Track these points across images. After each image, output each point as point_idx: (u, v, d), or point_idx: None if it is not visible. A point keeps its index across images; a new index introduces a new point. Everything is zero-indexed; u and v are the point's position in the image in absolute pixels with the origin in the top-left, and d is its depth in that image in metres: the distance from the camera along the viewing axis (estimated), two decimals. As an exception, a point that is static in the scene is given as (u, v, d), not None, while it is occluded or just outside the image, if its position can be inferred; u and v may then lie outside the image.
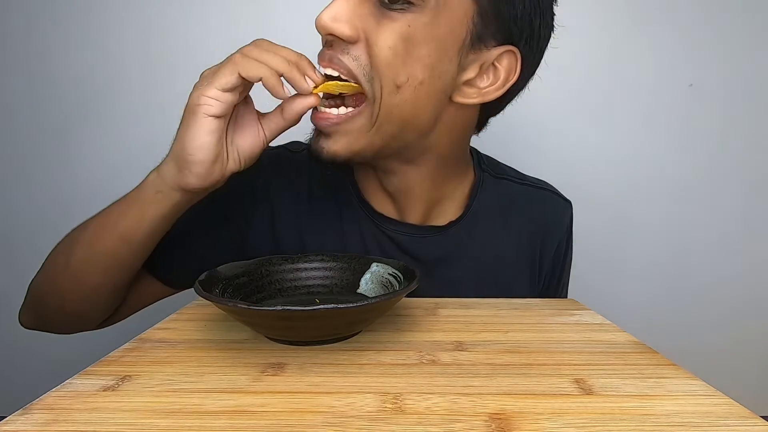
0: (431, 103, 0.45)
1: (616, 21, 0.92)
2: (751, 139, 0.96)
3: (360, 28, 0.42)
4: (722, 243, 0.99)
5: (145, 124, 0.93)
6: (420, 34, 0.42)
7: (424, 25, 0.42)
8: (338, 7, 0.42)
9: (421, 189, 0.52)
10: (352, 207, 0.54)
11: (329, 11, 0.42)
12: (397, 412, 0.26)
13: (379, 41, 0.42)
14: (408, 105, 0.44)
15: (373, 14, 0.42)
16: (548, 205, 0.60)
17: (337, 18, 0.42)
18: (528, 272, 0.58)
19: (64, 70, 0.92)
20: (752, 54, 0.93)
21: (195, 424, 0.24)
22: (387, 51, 0.42)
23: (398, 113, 0.44)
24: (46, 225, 0.95)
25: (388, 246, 0.54)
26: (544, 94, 0.92)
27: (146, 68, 0.92)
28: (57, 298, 0.49)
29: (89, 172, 0.95)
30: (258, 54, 0.40)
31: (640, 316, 1.00)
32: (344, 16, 0.42)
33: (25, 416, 0.25)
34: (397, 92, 0.43)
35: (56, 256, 0.49)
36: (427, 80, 0.44)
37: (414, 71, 0.43)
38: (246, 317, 0.34)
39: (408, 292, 0.36)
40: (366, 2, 0.42)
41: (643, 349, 0.35)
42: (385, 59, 0.42)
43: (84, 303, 0.48)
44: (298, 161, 0.56)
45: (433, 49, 0.43)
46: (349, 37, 0.42)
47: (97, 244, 0.45)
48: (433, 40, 0.43)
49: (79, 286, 0.47)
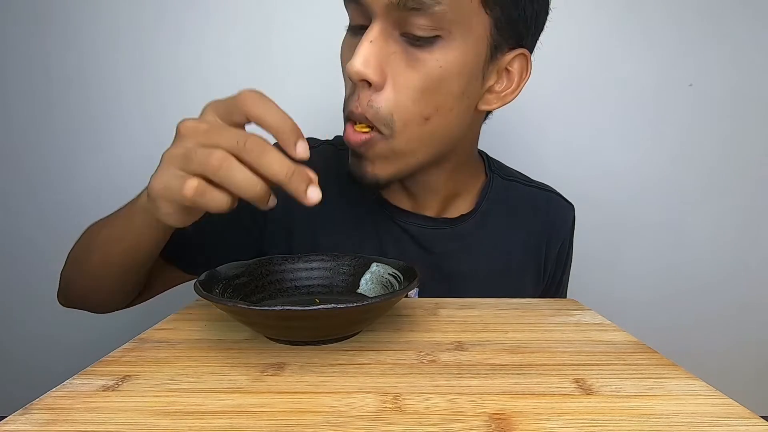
0: (461, 120, 0.47)
1: (615, 21, 0.92)
2: (752, 139, 0.96)
3: (387, 72, 0.42)
4: (722, 243, 0.99)
5: (148, 126, 0.93)
6: (451, 69, 0.43)
7: (455, 57, 0.42)
8: (367, 51, 0.41)
9: (439, 183, 0.54)
10: (365, 198, 0.56)
11: (359, 57, 0.41)
12: (397, 412, 0.26)
13: (409, 83, 0.42)
14: (439, 129, 0.45)
15: (400, 53, 0.42)
16: (553, 206, 0.63)
17: (368, 63, 0.41)
18: (533, 270, 0.60)
19: (66, 73, 0.92)
20: (753, 54, 0.93)
21: (195, 424, 0.24)
22: (417, 93, 0.42)
23: (429, 138, 0.45)
24: (46, 227, 0.95)
25: (401, 237, 0.56)
26: (544, 96, 0.92)
27: (150, 71, 0.92)
28: (81, 291, 0.51)
29: (91, 175, 0.95)
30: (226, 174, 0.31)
31: (640, 316, 1.00)
32: (373, 60, 0.41)
33: (25, 416, 0.25)
34: (425, 123, 0.44)
35: (76, 256, 0.50)
36: (457, 105, 0.45)
37: (444, 102, 0.44)
38: (246, 317, 0.34)
39: (408, 291, 0.36)
40: (391, 40, 0.42)
41: (643, 349, 0.35)
42: (413, 100, 0.43)
43: (105, 297, 0.51)
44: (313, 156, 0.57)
45: (462, 78, 0.44)
46: (377, 83, 0.42)
47: (108, 254, 0.46)
48: (463, 69, 0.43)
49: (98, 287, 0.49)
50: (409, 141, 0.45)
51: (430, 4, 0.39)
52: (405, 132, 0.44)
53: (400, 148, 0.45)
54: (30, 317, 0.99)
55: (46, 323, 0.98)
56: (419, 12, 0.40)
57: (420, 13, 0.40)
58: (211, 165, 0.31)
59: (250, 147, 0.31)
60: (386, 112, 0.43)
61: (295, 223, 0.55)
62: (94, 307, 0.53)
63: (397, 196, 0.56)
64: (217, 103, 0.34)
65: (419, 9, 0.40)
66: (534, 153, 0.95)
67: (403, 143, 0.45)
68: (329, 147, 0.60)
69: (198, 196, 0.31)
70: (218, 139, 0.32)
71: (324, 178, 0.56)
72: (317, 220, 0.55)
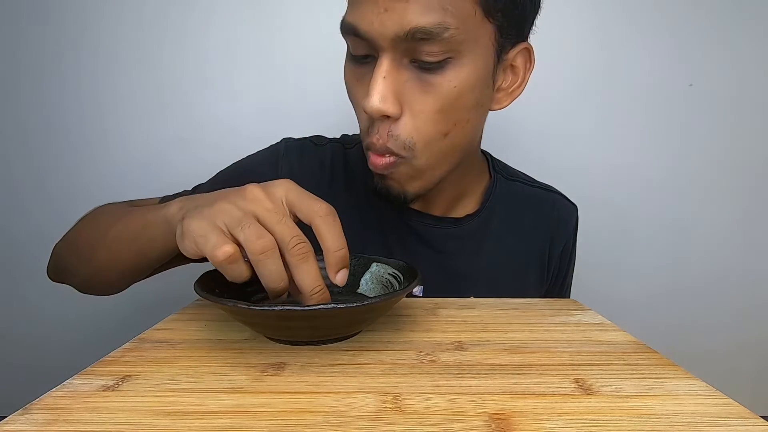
0: (478, 126, 0.49)
1: (615, 21, 0.92)
2: (752, 139, 0.96)
3: (403, 102, 0.42)
4: (722, 243, 0.99)
5: (149, 124, 0.93)
6: (465, 86, 0.43)
7: (467, 75, 0.42)
8: (382, 88, 0.41)
9: (447, 185, 0.54)
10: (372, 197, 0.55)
11: (376, 95, 0.41)
12: (397, 412, 0.26)
13: (426, 108, 0.43)
14: (459, 141, 0.46)
15: (413, 79, 0.42)
16: (557, 207, 0.63)
17: (385, 99, 0.41)
18: (537, 269, 0.61)
19: (69, 70, 0.92)
20: (753, 54, 0.93)
21: (195, 424, 0.24)
22: (436, 116, 0.43)
23: (451, 151, 0.46)
24: (45, 227, 0.95)
25: (407, 235, 0.56)
26: (544, 97, 0.92)
27: (150, 69, 0.92)
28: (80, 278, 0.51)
29: (86, 176, 0.95)
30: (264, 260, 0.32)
31: (640, 316, 1.00)
32: (390, 95, 0.41)
33: (25, 416, 0.25)
34: (445, 138, 0.45)
35: (78, 243, 0.50)
36: (473, 116, 0.46)
37: (461, 116, 0.44)
38: (246, 317, 0.34)
39: (408, 291, 0.36)
40: (402, 69, 0.42)
41: (643, 349, 0.35)
42: (432, 122, 0.43)
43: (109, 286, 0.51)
44: (321, 154, 0.59)
45: (476, 91, 0.44)
46: (396, 114, 0.42)
47: (118, 252, 0.46)
48: (476, 84, 0.44)
49: (103, 278, 0.49)
50: (431, 158, 0.45)
51: (438, 32, 0.39)
52: (426, 151, 0.45)
53: (424, 166, 0.46)
54: (30, 317, 0.99)
55: (46, 323, 0.98)
56: (429, 41, 0.40)
57: (430, 42, 0.40)
58: (256, 246, 0.31)
59: (297, 252, 0.32)
60: (407, 138, 0.43)
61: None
62: (92, 291, 0.53)
63: None
64: (294, 190, 0.35)
65: (429, 39, 0.40)
66: (535, 153, 0.95)
67: (426, 161, 0.45)
68: (337, 145, 0.60)
69: (226, 263, 0.32)
70: (275, 227, 0.32)
71: (330, 176, 0.59)
72: None
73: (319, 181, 0.57)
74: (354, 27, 0.42)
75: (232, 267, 0.32)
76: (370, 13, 0.40)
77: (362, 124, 0.47)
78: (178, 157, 0.91)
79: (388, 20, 0.39)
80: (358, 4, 0.42)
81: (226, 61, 0.91)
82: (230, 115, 0.92)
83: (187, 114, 0.92)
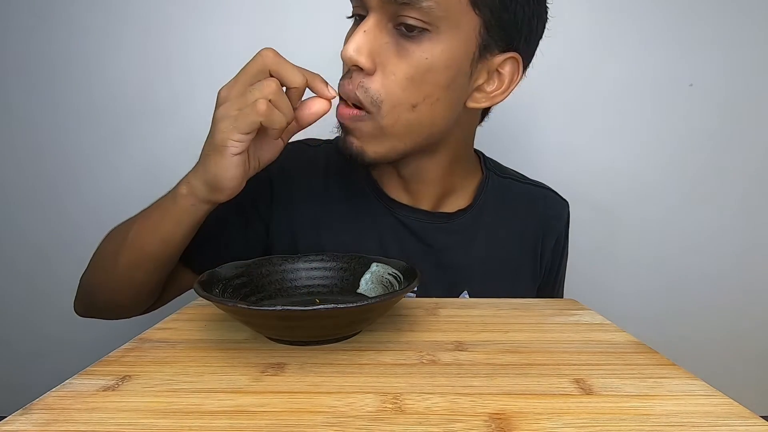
0: (448, 112, 0.49)
1: (615, 21, 0.92)
2: (752, 139, 0.96)
3: (378, 61, 0.45)
4: (722, 243, 0.99)
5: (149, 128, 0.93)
6: (437, 61, 0.45)
7: (441, 51, 0.45)
8: (360, 39, 0.45)
9: (434, 176, 0.56)
10: (365, 193, 0.58)
11: (352, 44, 0.45)
12: (397, 412, 0.26)
13: (397, 72, 0.45)
14: (426, 118, 0.48)
15: (391, 43, 0.45)
16: (548, 202, 0.65)
17: (360, 50, 0.45)
18: (530, 263, 0.62)
19: (77, 74, 0.92)
20: (753, 54, 0.93)
21: (195, 424, 0.24)
22: (405, 81, 0.46)
23: (417, 125, 0.48)
24: (46, 228, 0.95)
25: (401, 231, 0.57)
26: (544, 95, 0.92)
27: (143, 69, 0.92)
28: (107, 294, 0.53)
29: (93, 180, 0.95)
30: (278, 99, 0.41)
31: (640, 315, 1.00)
32: (365, 48, 0.45)
33: (25, 416, 0.25)
34: (413, 110, 0.47)
35: (103, 257, 0.52)
36: (443, 96, 0.48)
37: (431, 92, 0.47)
38: (246, 317, 0.34)
39: (408, 291, 0.36)
40: (385, 31, 0.45)
41: (643, 349, 0.35)
42: (401, 87, 0.46)
43: (132, 298, 0.52)
44: (314, 154, 0.61)
45: (449, 71, 0.46)
46: (368, 68, 0.45)
47: (142, 248, 0.48)
48: (449, 63, 0.46)
49: (127, 285, 0.51)
50: (395, 124, 0.47)
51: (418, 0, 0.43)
52: (392, 114, 0.47)
53: (387, 128, 0.47)
54: (30, 317, 0.99)
55: (46, 323, 0.98)
56: (410, 6, 0.43)
57: (410, 8, 0.43)
58: (270, 89, 0.40)
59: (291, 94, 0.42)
60: (375, 93, 0.46)
61: (298, 217, 0.57)
62: (116, 309, 0.55)
63: (393, 188, 0.58)
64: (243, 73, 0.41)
65: (409, 3, 0.43)
66: (534, 152, 0.95)
67: (390, 124, 0.47)
68: (330, 146, 0.62)
69: (269, 112, 0.39)
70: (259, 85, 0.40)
71: (324, 174, 0.60)
72: (320, 215, 0.57)
73: (312, 179, 0.59)
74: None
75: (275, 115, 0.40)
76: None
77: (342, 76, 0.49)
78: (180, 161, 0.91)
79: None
80: None
81: (230, 60, 0.91)
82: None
83: (191, 113, 0.92)
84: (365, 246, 0.56)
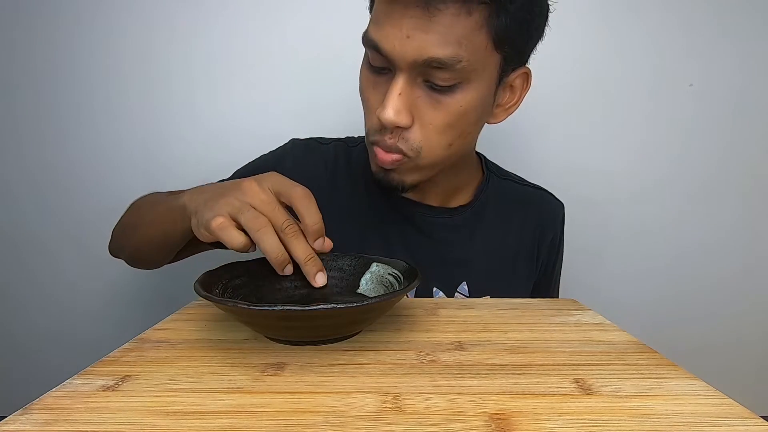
0: (476, 136, 0.55)
1: (615, 21, 0.92)
2: (752, 139, 0.96)
3: (415, 114, 0.47)
4: (723, 243, 0.99)
5: (142, 123, 0.93)
6: (470, 106, 0.48)
7: (473, 97, 0.47)
8: (397, 103, 0.46)
9: (442, 180, 0.59)
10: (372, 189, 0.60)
11: (390, 109, 0.46)
12: (397, 412, 0.26)
13: (435, 122, 0.48)
14: (459, 150, 0.52)
15: (424, 96, 0.47)
16: (544, 203, 0.69)
17: (399, 112, 0.46)
18: (526, 259, 0.65)
19: (63, 69, 0.92)
20: (753, 53, 0.93)
21: (195, 424, 0.24)
22: (441, 128, 0.48)
23: (452, 157, 0.52)
24: (47, 227, 0.95)
25: (404, 224, 0.61)
26: (544, 96, 0.92)
27: (143, 68, 0.92)
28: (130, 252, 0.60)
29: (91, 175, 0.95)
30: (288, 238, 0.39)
31: (640, 316, 1.00)
32: (403, 109, 0.46)
33: (25, 416, 0.25)
34: (449, 148, 0.50)
35: (125, 227, 0.59)
36: (474, 129, 0.52)
37: (464, 129, 0.50)
38: (246, 317, 0.34)
39: (408, 291, 0.36)
40: (416, 86, 0.47)
41: (643, 349, 0.35)
42: (438, 133, 0.48)
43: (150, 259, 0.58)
44: (324, 152, 0.64)
45: (479, 109, 0.49)
46: (406, 125, 0.47)
47: (148, 234, 0.54)
48: (479, 103, 0.48)
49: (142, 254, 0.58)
50: (434, 161, 0.50)
51: (452, 63, 0.44)
52: (430, 155, 0.50)
53: (425, 165, 0.51)
54: (30, 317, 0.99)
55: (46, 323, 0.98)
56: (441, 69, 0.44)
57: (442, 70, 0.44)
58: (255, 224, 0.37)
59: (289, 231, 0.39)
60: (414, 143, 0.48)
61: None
62: (137, 265, 0.62)
63: None
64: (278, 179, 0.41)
65: (442, 67, 0.44)
66: (535, 153, 0.95)
67: (428, 162, 0.50)
68: (340, 144, 0.65)
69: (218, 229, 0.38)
70: (268, 214, 0.38)
71: (333, 171, 0.63)
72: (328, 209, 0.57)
73: (321, 175, 0.62)
74: (376, 44, 0.46)
75: (226, 232, 0.38)
76: (392, 37, 0.44)
77: (371, 123, 0.50)
78: (177, 157, 0.91)
79: (409, 47, 0.44)
80: (382, 24, 0.45)
81: (231, 60, 0.91)
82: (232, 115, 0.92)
83: (192, 114, 0.92)
84: (369, 238, 0.59)
